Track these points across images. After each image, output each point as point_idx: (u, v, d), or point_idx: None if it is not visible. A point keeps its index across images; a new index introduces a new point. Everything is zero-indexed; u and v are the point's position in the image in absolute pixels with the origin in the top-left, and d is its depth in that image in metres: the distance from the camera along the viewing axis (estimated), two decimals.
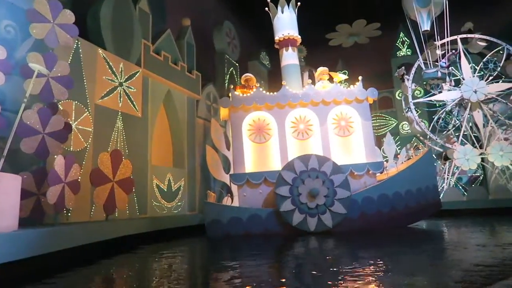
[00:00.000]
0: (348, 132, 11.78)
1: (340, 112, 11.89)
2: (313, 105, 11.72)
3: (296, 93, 11.67)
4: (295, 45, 13.06)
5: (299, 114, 11.80)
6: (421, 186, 11.55)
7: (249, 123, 11.70)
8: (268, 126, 11.69)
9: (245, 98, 11.58)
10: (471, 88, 18.43)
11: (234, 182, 11.09)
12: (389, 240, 8.83)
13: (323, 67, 12.90)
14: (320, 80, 12.68)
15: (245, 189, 11.07)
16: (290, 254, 7.28)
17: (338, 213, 10.14)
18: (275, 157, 11.46)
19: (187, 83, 14.62)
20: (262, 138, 11.60)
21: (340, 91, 11.78)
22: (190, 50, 15.39)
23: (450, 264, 5.42)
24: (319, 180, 10.21)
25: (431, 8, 18.57)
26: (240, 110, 11.61)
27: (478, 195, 17.32)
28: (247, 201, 10.90)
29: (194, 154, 14.88)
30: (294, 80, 12.54)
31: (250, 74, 12.91)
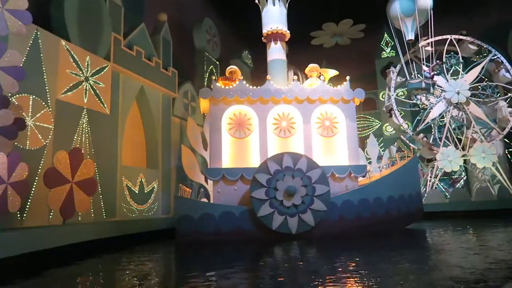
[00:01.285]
0: (332, 133, 11.34)
1: (325, 112, 11.44)
2: (298, 102, 11.22)
3: (280, 89, 11.16)
4: (283, 40, 12.54)
5: (282, 111, 11.29)
6: (404, 193, 11.24)
7: (230, 116, 11.13)
8: (249, 121, 11.14)
9: (227, 90, 11.01)
10: (453, 89, 18.32)
11: (209, 177, 10.47)
12: (372, 245, 8.40)
13: (314, 64, 12.43)
14: (310, 78, 12.22)
15: (220, 185, 10.47)
16: (267, 265, 6.72)
17: (319, 211, 9.66)
18: (254, 153, 10.92)
19: (163, 80, 13.99)
20: (242, 133, 11.05)
21: (326, 89, 11.32)
22: (166, 46, 14.76)
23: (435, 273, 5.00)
24: (296, 178, 9.73)
25: (415, 17, 18.39)
26: (221, 103, 11.02)
27: (460, 197, 17.13)
28: (221, 198, 10.32)
29: (169, 154, 14.23)
30: (279, 75, 12.03)
31: (235, 67, 12.35)
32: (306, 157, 10.08)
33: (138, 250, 8.45)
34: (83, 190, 8.41)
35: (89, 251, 7.79)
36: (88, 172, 8.58)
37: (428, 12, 18.32)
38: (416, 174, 12.37)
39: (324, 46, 23.94)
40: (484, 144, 17.71)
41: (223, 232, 9.60)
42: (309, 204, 9.63)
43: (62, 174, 7.87)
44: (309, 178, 9.80)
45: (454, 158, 17.75)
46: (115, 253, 7.96)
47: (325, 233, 9.79)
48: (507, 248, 6.87)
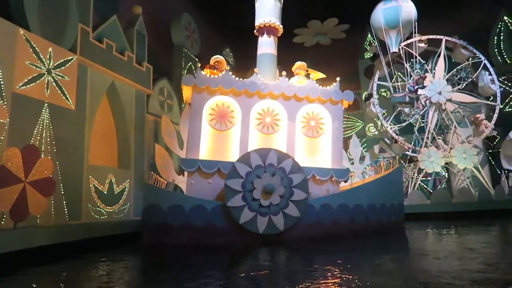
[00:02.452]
0: (316, 134, 10.89)
1: (312, 111, 10.98)
2: (284, 98, 10.72)
3: (267, 83, 10.65)
4: (276, 35, 12.02)
5: (268, 106, 10.77)
6: (385, 203, 10.91)
7: (212, 107, 10.53)
8: (232, 113, 10.57)
9: (211, 79, 10.41)
10: (436, 89, 18.22)
11: (184, 167, 9.81)
12: (352, 249, 7.96)
13: (301, 62, 11.98)
14: (297, 75, 11.76)
15: (194, 177, 9.84)
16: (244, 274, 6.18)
17: (291, 216, 9.17)
18: (234, 148, 10.36)
19: (136, 75, 13.34)
20: (223, 125, 10.47)
21: (314, 88, 10.86)
22: (140, 40, 14.11)
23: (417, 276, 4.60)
24: (276, 177, 9.24)
25: (399, 30, 18.19)
26: (204, 91, 10.40)
27: (442, 198, 16.96)
28: (194, 190, 9.68)
29: (142, 153, 13.59)
30: (268, 70, 11.50)
31: (221, 57, 11.78)
32: (292, 159, 9.61)
33: (103, 255, 7.83)
34: (38, 190, 7.72)
35: (50, 257, 7.15)
36: (45, 171, 7.88)
37: (412, 24, 18.13)
38: (400, 184, 12.12)
39: (305, 45, 23.57)
40: (465, 145, 17.64)
41: (192, 227, 8.94)
42: (283, 207, 9.14)
43: (12, 173, 7.17)
44: (290, 181, 9.33)
45: (436, 159, 17.64)
46: (78, 259, 7.32)
47: (299, 236, 9.32)
48: (486, 251, 6.55)
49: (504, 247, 7.60)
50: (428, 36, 18.83)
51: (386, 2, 18.43)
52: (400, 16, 17.78)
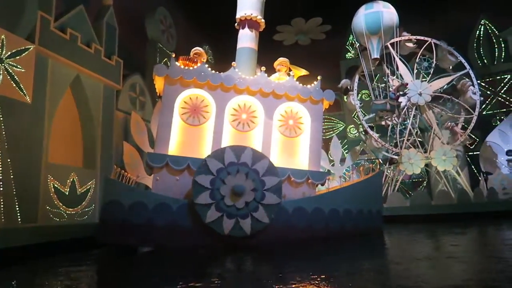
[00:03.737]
0: (294, 133, 10.34)
1: (291, 110, 10.44)
2: (262, 95, 10.14)
3: (244, 78, 10.05)
4: (257, 29, 11.42)
5: (244, 102, 10.18)
6: (363, 209, 10.49)
7: (185, 100, 9.85)
8: (206, 108, 9.92)
9: (185, 71, 9.73)
10: (416, 91, 18.06)
11: (151, 163, 9.11)
12: (326, 255, 7.47)
13: (283, 58, 11.43)
14: (278, 71, 11.22)
15: (161, 174, 9.16)
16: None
17: (259, 222, 8.63)
18: (207, 144, 9.71)
19: (104, 69, 12.56)
20: (196, 120, 9.80)
21: (294, 85, 10.32)
22: (110, 32, 13.35)
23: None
24: (248, 178, 8.69)
25: (381, 36, 17.96)
26: (177, 83, 9.71)
27: (421, 201, 16.73)
28: (160, 187, 8.99)
29: (110, 152, 12.80)
30: (247, 65, 10.87)
31: (201, 49, 11.12)
32: (268, 160, 9.07)
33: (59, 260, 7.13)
34: None
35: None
36: None
37: (394, 30, 17.94)
38: (379, 190, 11.70)
39: (284, 43, 23.14)
40: (445, 146, 17.52)
41: (155, 226, 8.28)
42: (252, 210, 8.58)
43: None
44: (263, 183, 8.78)
45: (416, 161, 17.45)
46: (31, 265, 6.62)
47: (270, 240, 8.79)
48: (464, 255, 6.16)
49: (483, 252, 7.24)
50: (416, 37, 18.66)
51: (368, 7, 18.21)
52: (382, 22, 17.55)
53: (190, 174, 9.02)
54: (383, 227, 11.25)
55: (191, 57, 10.48)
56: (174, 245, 8.33)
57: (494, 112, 21.84)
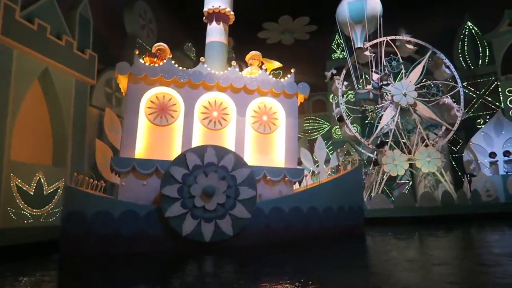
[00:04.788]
0: (269, 130, 9.90)
1: (264, 105, 10.00)
2: (233, 91, 9.67)
3: (213, 73, 9.55)
4: (226, 22, 10.93)
5: (215, 99, 9.70)
6: (343, 205, 10.10)
7: (151, 99, 9.29)
8: (174, 107, 9.38)
9: (150, 68, 9.15)
10: (400, 91, 17.85)
11: (116, 168, 8.53)
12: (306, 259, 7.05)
13: (255, 51, 10.95)
14: (250, 65, 10.75)
15: (127, 179, 8.57)
16: None
17: (240, 218, 8.18)
18: (176, 145, 9.18)
19: (76, 63, 11.97)
20: (164, 120, 9.25)
21: (266, 80, 9.87)
22: (84, 25, 12.75)
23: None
24: (218, 176, 8.22)
25: (364, 25, 17.74)
26: (142, 82, 9.13)
27: (405, 203, 16.49)
28: (126, 194, 8.42)
29: (82, 149, 12.20)
30: (216, 60, 10.39)
31: (164, 44, 10.58)
32: (234, 154, 8.62)
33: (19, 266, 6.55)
34: None
35: None
36: None
37: (377, 20, 17.75)
38: (359, 185, 11.29)
39: (268, 41, 22.72)
40: (429, 148, 17.34)
41: (122, 236, 7.75)
42: (229, 208, 8.13)
43: None
44: (234, 178, 8.33)
45: (400, 162, 17.23)
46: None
47: (247, 244, 8.33)
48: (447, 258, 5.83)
49: (466, 254, 6.95)
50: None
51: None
52: (365, 10, 17.37)
53: (159, 177, 8.46)
54: (363, 224, 10.77)
55: (157, 53, 9.94)
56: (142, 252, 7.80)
57: (477, 114, 21.84)
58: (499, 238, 9.24)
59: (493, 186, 16.83)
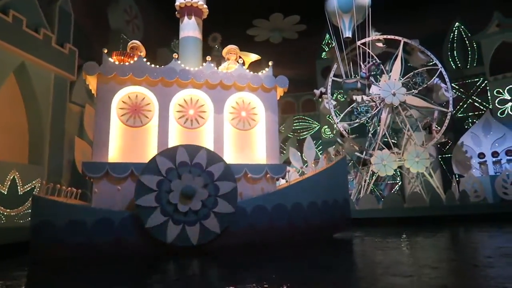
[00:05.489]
0: (248, 126, 9.60)
1: (242, 101, 9.69)
2: (209, 87, 9.34)
3: (187, 69, 9.21)
4: (200, 16, 10.60)
5: (190, 97, 9.37)
6: (328, 200, 9.77)
7: (123, 100, 8.92)
8: (148, 106, 9.02)
9: (120, 67, 8.79)
10: (389, 91, 17.72)
11: (87, 173, 8.16)
12: (289, 261, 6.78)
13: (232, 45, 10.64)
14: (227, 60, 10.45)
15: (101, 184, 8.22)
16: None
17: (208, 230, 7.86)
18: (152, 146, 8.83)
19: (55, 58, 11.57)
20: (138, 120, 8.89)
21: (243, 74, 9.55)
22: (64, 19, 12.34)
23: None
24: (201, 181, 7.91)
25: (353, 14, 17.60)
26: (112, 81, 8.76)
27: (393, 203, 16.33)
28: (100, 200, 8.07)
29: (61, 147, 11.79)
30: (191, 56, 10.06)
31: (138, 42, 10.20)
32: (205, 149, 8.31)
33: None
34: None
35: None
36: None
37: (366, 10, 17.63)
38: (344, 177, 10.97)
39: (256, 39, 22.43)
40: (418, 148, 17.23)
41: (97, 245, 7.42)
42: (202, 217, 7.82)
43: None
44: (211, 175, 8.03)
45: (389, 162, 17.08)
46: None
47: (230, 245, 8.03)
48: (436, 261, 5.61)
49: (455, 257, 6.77)
50: (386, 36, 18.36)
51: None
52: (354, 0, 17.27)
53: (135, 182, 8.06)
54: (350, 218, 10.49)
55: (130, 52, 9.58)
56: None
57: (466, 115, 21.85)
58: (488, 239, 9.09)
59: (481, 187, 16.77)
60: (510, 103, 19.89)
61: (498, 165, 17.64)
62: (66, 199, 8.52)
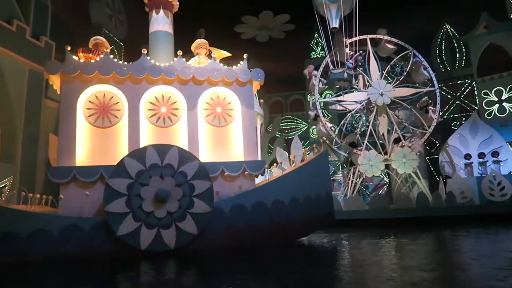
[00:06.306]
0: (224, 122, 9.29)
1: (217, 96, 9.37)
2: (181, 83, 9.00)
3: (157, 65, 8.85)
4: (170, 9, 10.26)
5: (162, 94, 9.03)
6: (310, 195, 9.42)
7: (90, 99, 8.55)
8: (117, 105, 8.67)
9: (84, 65, 8.40)
10: (377, 90, 17.55)
11: (53, 179, 7.78)
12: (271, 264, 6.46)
13: (201, 39, 10.28)
14: (197, 55, 10.09)
15: (68, 190, 7.83)
16: None
17: (185, 232, 7.57)
18: (122, 147, 8.48)
19: (30, 51, 11.11)
20: (106, 121, 8.54)
21: (217, 68, 9.21)
22: (41, 10, 11.90)
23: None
24: (174, 181, 7.58)
25: (340, 4, 17.44)
26: (76, 80, 8.38)
27: (380, 204, 16.14)
28: (67, 207, 7.68)
29: (36, 144, 11.32)
30: (162, 51, 9.75)
31: (102, 38, 9.80)
32: (199, 162, 8.01)
33: None
34: None
35: None
36: None
37: (353, 0, 17.46)
38: (326, 171, 10.62)
39: (242, 37, 22.09)
40: (405, 149, 17.09)
41: (66, 255, 7.11)
42: (177, 219, 7.53)
43: None
44: (191, 188, 7.73)
45: (376, 163, 16.90)
46: None
47: (207, 247, 7.72)
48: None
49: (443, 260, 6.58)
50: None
51: None
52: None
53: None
54: (334, 213, 10.17)
55: (94, 49, 9.19)
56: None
57: (454, 116, 21.84)
58: (474, 241, 8.93)
59: (468, 188, 16.69)
60: (497, 105, 19.94)
61: (483, 166, 17.58)
62: (38, 207, 8.11)
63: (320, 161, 10.08)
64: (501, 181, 15.78)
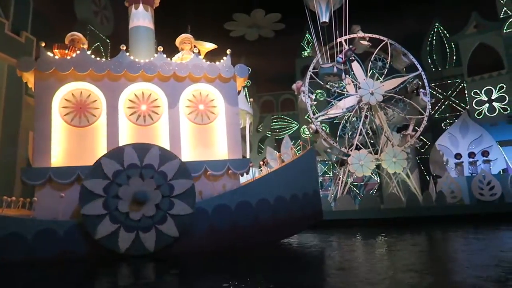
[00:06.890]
0: (207, 119, 9.03)
1: (199, 93, 9.11)
2: (161, 79, 8.72)
3: (136, 62, 8.57)
4: (150, 4, 9.96)
5: (142, 91, 8.76)
6: (297, 193, 9.15)
7: (66, 97, 8.25)
8: (95, 103, 8.39)
9: (59, 62, 8.09)
10: (367, 90, 17.43)
11: (27, 181, 7.47)
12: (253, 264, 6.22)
13: (186, 34, 10.01)
14: (181, 51, 9.83)
15: (44, 192, 7.53)
16: None
17: (165, 235, 7.33)
18: (101, 147, 8.19)
19: (9, 46, 10.76)
20: (84, 119, 8.24)
21: (199, 64, 8.93)
22: (21, 4, 11.55)
23: None
24: (153, 182, 7.33)
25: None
26: (51, 78, 8.06)
27: (370, 204, 16.00)
28: (41, 210, 7.37)
29: (15, 143, 10.97)
30: (143, 47, 9.44)
31: (78, 34, 9.51)
32: (179, 161, 7.75)
33: None
34: None
35: None
36: None
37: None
38: (314, 169, 10.38)
39: (231, 34, 21.82)
40: (395, 148, 16.99)
41: (41, 260, 6.84)
42: (157, 221, 7.28)
43: None
44: (171, 188, 7.46)
45: (366, 162, 16.77)
46: None
47: (189, 249, 7.46)
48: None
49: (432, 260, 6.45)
50: (372, 35, 18.03)
51: None
52: None
53: None
54: (322, 211, 9.92)
55: (71, 45, 8.88)
56: None
57: (444, 115, 21.83)
58: (464, 241, 8.81)
59: (458, 188, 16.64)
60: (487, 104, 19.96)
61: (473, 166, 17.56)
62: (15, 210, 7.80)
63: (307, 159, 9.86)
64: (490, 180, 15.76)
